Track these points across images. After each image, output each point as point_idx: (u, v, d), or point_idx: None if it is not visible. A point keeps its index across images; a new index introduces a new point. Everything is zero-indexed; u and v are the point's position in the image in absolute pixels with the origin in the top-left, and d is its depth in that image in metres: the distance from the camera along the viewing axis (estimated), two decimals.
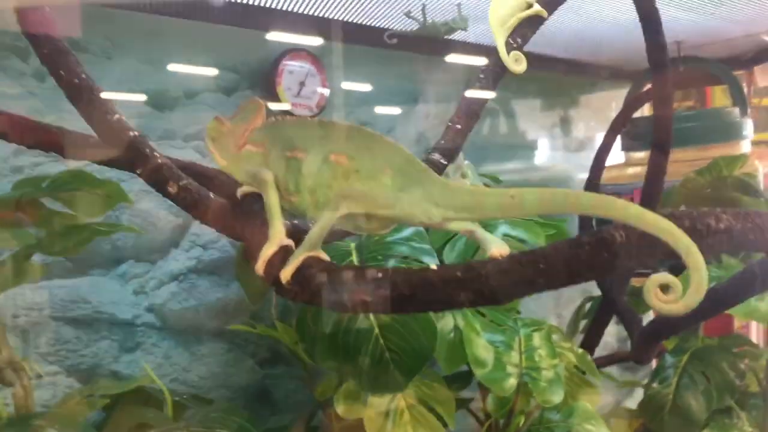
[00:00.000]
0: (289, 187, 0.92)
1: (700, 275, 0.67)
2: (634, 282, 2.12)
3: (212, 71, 1.81)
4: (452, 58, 2.26)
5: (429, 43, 2.07)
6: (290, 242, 0.89)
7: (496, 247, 0.80)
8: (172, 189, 0.97)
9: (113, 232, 1.45)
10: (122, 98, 1.65)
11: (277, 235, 0.89)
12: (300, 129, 0.94)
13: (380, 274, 0.76)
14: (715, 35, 2.40)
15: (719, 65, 2.44)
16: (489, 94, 1.42)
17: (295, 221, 1.08)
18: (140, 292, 1.71)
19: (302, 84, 1.91)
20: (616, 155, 2.57)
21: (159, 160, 0.97)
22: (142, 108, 1.70)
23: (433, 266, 0.77)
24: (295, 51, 1.90)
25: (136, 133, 0.97)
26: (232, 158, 1.00)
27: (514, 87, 2.63)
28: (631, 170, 2.54)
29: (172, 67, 1.74)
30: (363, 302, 0.76)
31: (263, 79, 1.88)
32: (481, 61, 1.42)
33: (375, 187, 0.85)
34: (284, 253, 0.86)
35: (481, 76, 1.41)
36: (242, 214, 0.94)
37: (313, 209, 0.92)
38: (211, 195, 1.00)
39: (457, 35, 1.97)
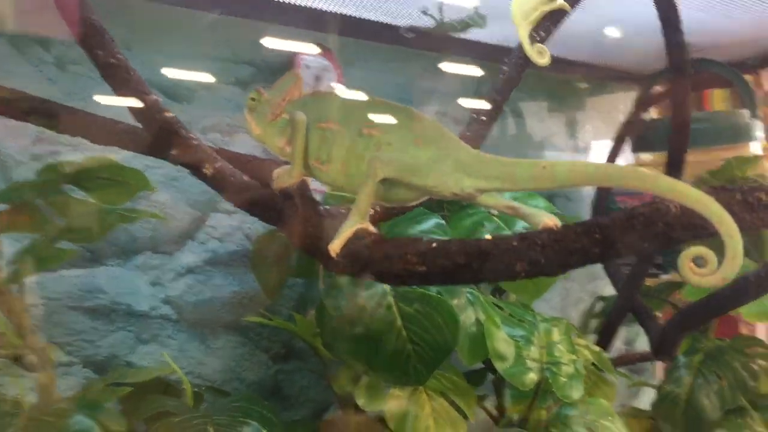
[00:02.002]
0: (321, 157, 0.94)
1: (735, 243, 0.67)
2: (648, 282, 2.13)
3: (229, 65, 1.81)
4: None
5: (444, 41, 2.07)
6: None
7: (548, 218, 0.80)
8: (208, 171, 0.97)
9: (137, 218, 1.44)
10: None
11: (297, 172, 0.94)
12: (333, 102, 0.98)
13: (435, 244, 0.76)
14: (720, 37, 2.41)
15: (728, 68, 2.45)
16: (512, 85, 1.43)
17: None
18: (157, 283, 1.70)
19: (318, 79, 1.90)
20: (626, 156, 2.58)
21: (195, 141, 0.97)
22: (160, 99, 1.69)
23: (488, 236, 0.77)
24: (312, 45, 1.90)
25: (171, 114, 0.97)
26: (267, 126, 1.02)
27: (523, 87, 2.63)
28: None
29: (191, 59, 1.74)
30: (419, 273, 0.76)
31: (280, 73, 1.88)
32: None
33: (408, 157, 0.87)
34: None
35: (505, 68, 1.42)
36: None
37: (343, 179, 0.93)
38: (245, 178, 1.00)
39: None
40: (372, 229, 0.85)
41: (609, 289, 2.31)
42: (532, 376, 1.50)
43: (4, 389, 1.32)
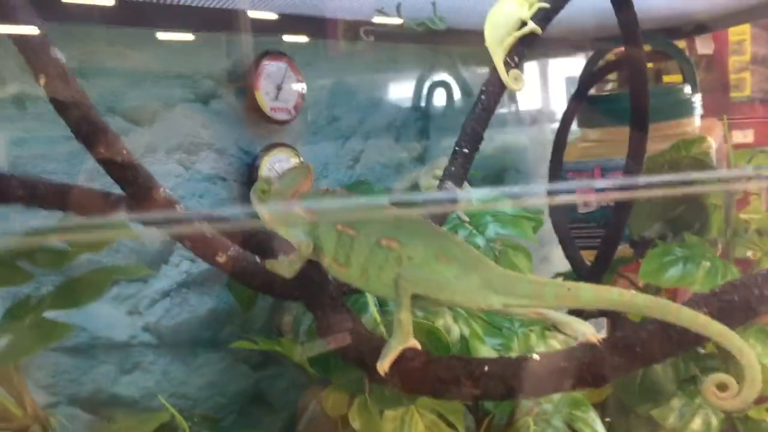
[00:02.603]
0: (339, 259, 0.94)
1: (755, 372, 0.74)
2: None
3: (187, 81, 1.75)
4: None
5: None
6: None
7: (589, 332, 0.85)
8: (221, 258, 0.96)
9: (136, 273, 1.42)
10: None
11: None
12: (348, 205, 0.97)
13: (487, 368, 0.79)
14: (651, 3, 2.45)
15: (668, 42, 2.52)
16: (489, 114, 1.45)
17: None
18: (134, 312, 1.68)
19: (279, 87, 1.87)
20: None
21: (207, 235, 0.97)
22: (121, 124, 1.64)
23: (536, 356, 0.81)
24: (271, 53, 1.86)
25: (182, 206, 0.96)
26: (280, 218, 1.01)
27: (464, 59, 2.64)
28: (585, 145, 2.62)
29: (147, 80, 1.68)
30: (472, 395, 0.79)
31: (240, 85, 1.84)
32: None
33: (432, 274, 0.89)
34: None
35: (483, 97, 1.43)
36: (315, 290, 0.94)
37: (363, 283, 0.95)
38: (258, 260, 1.00)
39: None
40: (417, 345, 0.88)
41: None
42: None
43: None
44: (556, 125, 2.50)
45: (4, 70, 1.43)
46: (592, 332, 0.85)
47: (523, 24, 1.43)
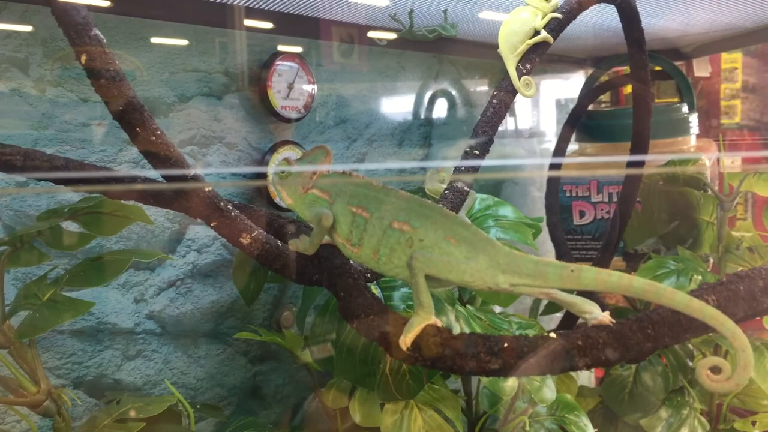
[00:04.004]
0: (352, 239, 0.98)
1: (747, 355, 0.77)
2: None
3: (203, 75, 1.79)
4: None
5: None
6: None
7: (602, 314, 0.89)
8: (245, 240, 1.00)
9: (153, 257, 1.45)
10: None
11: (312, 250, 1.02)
12: (365, 189, 1.01)
13: (506, 344, 0.83)
14: (652, 26, 2.51)
15: (668, 61, 2.58)
16: (500, 118, 1.49)
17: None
18: (140, 300, 1.71)
19: (291, 86, 1.91)
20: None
21: (233, 213, 1.00)
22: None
23: (553, 335, 0.84)
24: (284, 52, 1.90)
25: (210, 188, 0.99)
26: (299, 199, 1.05)
27: (468, 71, 2.70)
28: (583, 160, 2.67)
29: (166, 73, 1.71)
30: (492, 370, 0.83)
31: (253, 82, 1.88)
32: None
33: (443, 255, 0.92)
34: None
35: (494, 101, 1.48)
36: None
37: (374, 264, 0.98)
38: (280, 243, 1.03)
39: None
40: (439, 323, 0.91)
41: None
42: (512, 383, 1.61)
43: None
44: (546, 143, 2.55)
45: None
46: (603, 314, 0.89)
47: (536, 33, 1.48)
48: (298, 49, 1.95)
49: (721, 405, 2.18)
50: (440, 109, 2.58)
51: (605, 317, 0.88)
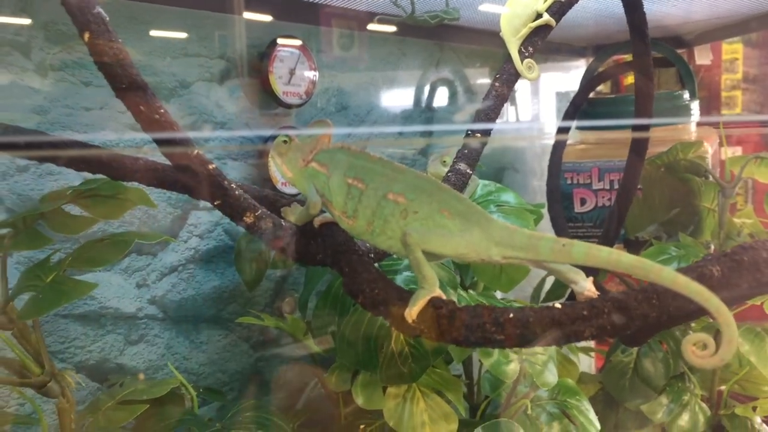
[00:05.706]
0: (348, 211, 0.99)
1: (731, 330, 0.77)
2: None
3: (204, 60, 1.79)
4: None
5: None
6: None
7: (587, 286, 0.89)
8: (249, 219, 1.00)
9: (155, 239, 1.45)
10: None
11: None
12: (362, 161, 1.02)
13: (512, 314, 0.83)
14: (654, 12, 2.51)
15: (670, 48, 2.58)
16: (503, 101, 1.49)
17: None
18: (143, 285, 1.71)
19: (292, 72, 1.91)
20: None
21: (237, 192, 1.00)
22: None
23: (558, 305, 0.85)
24: (285, 38, 1.90)
25: (214, 166, 0.99)
26: (299, 172, 1.06)
27: (469, 60, 2.69)
28: (583, 147, 2.67)
29: (166, 57, 1.71)
30: (497, 341, 0.83)
31: (254, 68, 1.88)
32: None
33: (437, 227, 0.93)
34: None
35: (496, 84, 1.48)
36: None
37: (368, 236, 0.99)
38: (283, 223, 1.03)
39: None
40: (442, 295, 0.91)
41: None
42: (513, 367, 1.61)
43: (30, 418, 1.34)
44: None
45: None
46: (589, 287, 0.90)
47: (539, 16, 1.48)
48: (299, 36, 1.94)
49: (722, 391, 2.19)
50: (441, 97, 2.58)
51: (589, 291, 0.89)
